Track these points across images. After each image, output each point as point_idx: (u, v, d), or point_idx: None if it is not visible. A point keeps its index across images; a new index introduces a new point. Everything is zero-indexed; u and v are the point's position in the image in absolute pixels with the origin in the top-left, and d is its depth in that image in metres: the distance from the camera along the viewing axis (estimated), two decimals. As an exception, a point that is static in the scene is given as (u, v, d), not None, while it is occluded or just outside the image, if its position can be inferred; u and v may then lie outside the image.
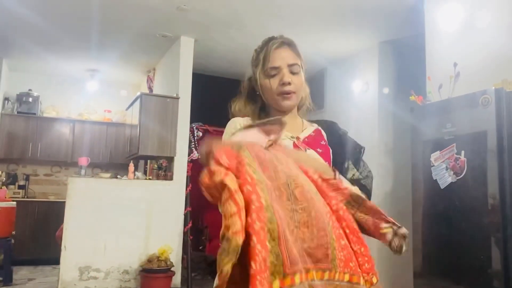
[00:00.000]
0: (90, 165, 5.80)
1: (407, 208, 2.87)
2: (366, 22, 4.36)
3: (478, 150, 2.28)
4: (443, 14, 3.38)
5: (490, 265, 2.17)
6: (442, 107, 2.56)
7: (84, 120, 6.59)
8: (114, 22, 4.61)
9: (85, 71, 6.40)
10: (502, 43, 2.90)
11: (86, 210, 4.28)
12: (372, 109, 4.84)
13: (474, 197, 2.29)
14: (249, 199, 0.83)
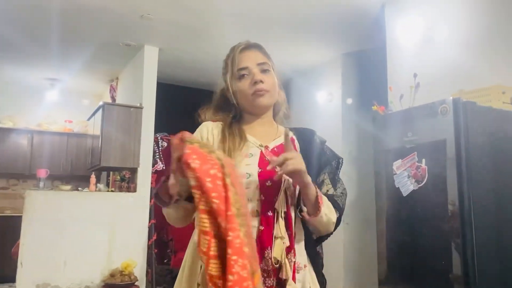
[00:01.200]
0: (49, 178, 5.58)
1: (372, 216, 2.91)
2: (330, 34, 4.45)
3: (438, 158, 2.34)
4: (403, 27, 3.49)
5: (451, 270, 2.22)
6: (403, 116, 2.62)
7: (43, 131, 6.36)
8: (76, 30, 4.50)
9: (44, 80, 6.19)
10: (458, 55, 3.02)
11: (45, 225, 4.10)
12: (336, 119, 4.92)
13: (435, 204, 2.35)
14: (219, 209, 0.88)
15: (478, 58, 2.90)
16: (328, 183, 1.29)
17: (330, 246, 5.26)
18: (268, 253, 1.09)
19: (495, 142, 2.35)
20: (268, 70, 1.27)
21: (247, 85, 1.24)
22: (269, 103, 1.28)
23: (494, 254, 2.24)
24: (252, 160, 1.20)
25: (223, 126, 1.27)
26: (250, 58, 1.27)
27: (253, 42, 1.33)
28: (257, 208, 1.14)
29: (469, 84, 2.65)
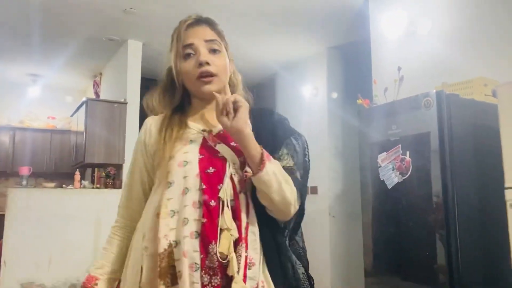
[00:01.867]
0: (33, 175, 5.49)
1: (357, 209, 2.94)
2: (315, 28, 4.45)
3: (422, 150, 2.37)
4: (387, 21, 3.51)
5: (436, 261, 2.25)
6: (387, 109, 2.64)
7: (25, 128, 6.25)
8: (58, 25, 4.42)
9: (26, 75, 6.07)
10: (441, 49, 3.05)
11: (28, 223, 4.04)
12: (321, 113, 4.93)
13: (419, 195, 2.38)
14: None
15: (461, 51, 2.94)
16: (285, 158, 1.12)
17: (316, 239, 5.31)
18: (213, 248, 0.97)
19: (478, 134, 2.38)
20: (218, 51, 1.13)
21: (192, 66, 1.10)
22: (216, 89, 1.11)
23: (477, 244, 2.28)
24: (191, 147, 1.09)
25: (163, 117, 1.17)
26: (198, 34, 1.12)
27: (204, 17, 1.17)
28: (199, 199, 1.01)
29: (452, 77, 2.68)
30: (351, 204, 4.62)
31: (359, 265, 3.17)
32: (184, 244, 0.98)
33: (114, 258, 1.16)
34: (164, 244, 1.00)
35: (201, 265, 0.97)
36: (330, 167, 4.77)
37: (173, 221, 1.01)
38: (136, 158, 1.20)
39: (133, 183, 1.19)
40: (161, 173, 1.08)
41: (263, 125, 1.14)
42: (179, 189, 1.03)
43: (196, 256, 0.98)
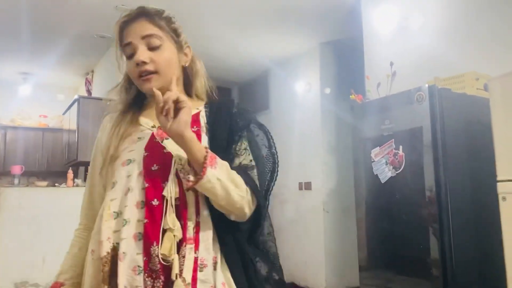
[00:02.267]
0: (25, 174, 5.45)
1: (351, 204, 2.95)
2: (307, 23, 4.45)
3: (415, 145, 2.38)
4: (379, 16, 3.52)
5: (429, 254, 2.27)
6: (380, 104, 2.65)
7: (17, 126, 6.20)
8: (49, 23, 4.38)
9: (17, 74, 6.02)
10: (433, 44, 3.06)
11: (21, 222, 4.01)
12: (315, 109, 4.94)
13: (413, 190, 2.39)
14: None
15: (453, 46, 2.95)
16: (243, 154, 1.03)
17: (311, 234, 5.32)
18: (154, 249, 0.92)
19: (470, 128, 2.40)
20: (158, 45, 1.06)
21: (133, 65, 1.05)
22: (159, 86, 1.02)
23: (470, 237, 2.30)
24: (138, 144, 1.04)
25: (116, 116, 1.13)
26: (134, 32, 1.06)
27: (141, 10, 1.09)
28: (142, 198, 0.96)
29: (444, 72, 2.69)
30: (345, 199, 4.63)
31: (353, 260, 3.19)
32: (122, 246, 0.94)
33: (78, 261, 1.13)
34: (106, 247, 0.96)
35: (144, 268, 0.93)
36: (323, 162, 4.78)
37: (116, 223, 0.97)
38: (95, 158, 1.16)
39: (94, 184, 1.14)
40: (108, 174, 1.05)
41: (220, 119, 1.07)
42: (122, 189, 0.99)
43: (139, 258, 0.93)
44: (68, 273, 1.12)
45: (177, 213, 0.95)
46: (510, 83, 1.94)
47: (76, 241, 1.17)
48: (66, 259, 1.16)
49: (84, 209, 1.19)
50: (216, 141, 1.03)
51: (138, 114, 1.13)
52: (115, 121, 1.12)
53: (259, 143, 1.07)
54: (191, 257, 0.94)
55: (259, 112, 5.94)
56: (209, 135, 1.05)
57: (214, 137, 1.03)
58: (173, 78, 1.01)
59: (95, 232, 1.03)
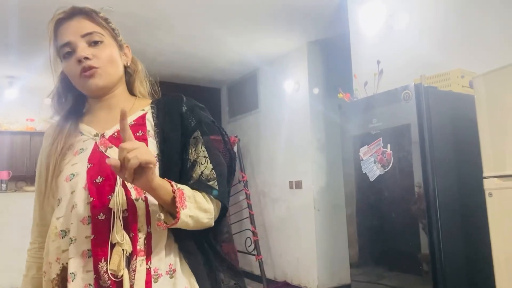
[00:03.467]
0: (12, 179, 5.40)
1: (342, 202, 2.97)
2: (295, 22, 4.46)
3: (403, 142, 2.41)
4: (365, 14, 3.54)
5: (419, 250, 2.30)
6: (367, 103, 2.67)
7: (3, 131, 6.12)
8: (36, 26, 4.32)
9: (2, 78, 5.95)
10: (419, 42, 3.10)
11: (10, 227, 3.98)
12: (304, 108, 4.96)
13: (401, 187, 2.42)
14: None
15: (438, 44, 2.98)
16: (202, 162, 0.98)
17: (302, 232, 5.33)
18: (102, 266, 0.88)
19: (457, 125, 2.43)
20: (100, 42, 1.01)
21: (73, 64, 1.00)
22: (104, 84, 1.01)
23: (458, 233, 2.33)
24: (81, 156, 0.98)
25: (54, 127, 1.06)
26: (73, 30, 1.01)
27: (77, 8, 1.04)
28: (88, 213, 0.91)
29: (430, 70, 2.72)
30: (335, 197, 4.66)
31: (344, 257, 3.21)
32: (70, 266, 0.90)
33: (37, 283, 1.07)
34: (55, 269, 0.93)
35: (95, 286, 0.88)
36: (313, 161, 4.80)
37: (64, 242, 0.93)
38: (40, 171, 1.08)
39: (43, 199, 1.06)
40: (49, 191, 1.00)
41: (170, 121, 1.01)
42: (68, 206, 0.94)
43: (89, 276, 0.89)
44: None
45: (126, 226, 0.90)
46: (494, 80, 1.97)
47: (32, 262, 1.11)
48: (25, 283, 1.09)
49: (36, 226, 1.12)
50: (169, 144, 0.98)
51: (78, 122, 1.06)
52: (52, 136, 1.04)
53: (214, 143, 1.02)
54: (143, 269, 0.90)
55: (248, 112, 5.95)
56: (159, 139, 1.00)
57: (165, 140, 0.98)
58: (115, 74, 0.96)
59: (45, 253, 0.99)
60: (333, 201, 4.73)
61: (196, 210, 0.93)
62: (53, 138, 1.04)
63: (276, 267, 5.23)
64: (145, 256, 0.91)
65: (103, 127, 1.03)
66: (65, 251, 0.93)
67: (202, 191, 0.96)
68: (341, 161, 2.87)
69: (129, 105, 1.07)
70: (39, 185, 1.08)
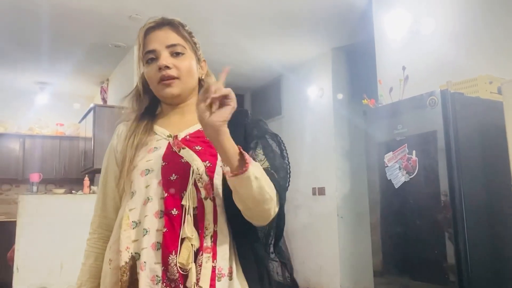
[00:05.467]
0: (43, 182, 5.55)
1: (365, 209, 2.94)
2: (319, 29, 4.46)
3: (428, 149, 2.37)
4: (390, 20, 3.52)
5: (445, 260, 2.25)
6: (393, 109, 2.65)
7: (34, 135, 6.32)
8: (65, 33, 4.48)
9: (34, 84, 6.16)
10: (445, 48, 3.05)
11: (40, 229, 4.09)
12: (327, 114, 4.94)
13: (427, 194, 2.38)
14: None
15: (465, 50, 2.94)
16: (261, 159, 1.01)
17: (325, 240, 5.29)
18: (172, 259, 0.92)
19: (484, 132, 2.38)
20: (182, 53, 1.08)
21: (154, 70, 1.07)
22: (179, 93, 1.08)
23: (485, 242, 2.28)
24: (155, 154, 1.04)
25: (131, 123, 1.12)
26: (159, 39, 1.08)
27: (167, 19, 1.10)
28: (161, 208, 0.97)
29: (457, 75, 2.68)
30: (359, 204, 4.61)
31: (368, 265, 3.17)
32: (142, 256, 0.95)
33: (95, 272, 1.11)
34: (125, 257, 0.96)
35: (162, 277, 0.93)
36: (337, 167, 4.77)
37: (135, 233, 0.98)
38: (108, 165, 1.15)
39: (108, 191, 1.14)
40: (126, 183, 1.05)
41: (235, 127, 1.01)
42: (141, 199, 1.00)
43: (157, 268, 0.94)
44: (87, 285, 1.11)
45: (195, 223, 0.95)
46: (523, 86, 1.93)
47: (91, 251, 1.15)
48: (83, 271, 1.14)
49: (97, 217, 1.17)
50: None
51: (152, 123, 1.13)
52: (128, 130, 1.11)
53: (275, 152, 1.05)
54: (209, 266, 0.93)
55: (271, 118, 5.96)
56: None
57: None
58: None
59: (113, 242, 1.04)
60: (357, 208, 4.68)
61: (261, 172, 0.92)
62: (127, 134, 1.10)
63: (298, 274, 5.20)
64: (211, 253, 0.95)
65: (176, 130, 1.09)
66: (135, 241, 0.97)
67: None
68: (365, 168, 2.84)
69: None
70: (105, 183, 1.15)
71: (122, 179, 1.06)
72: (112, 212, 1.12)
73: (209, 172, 0.99)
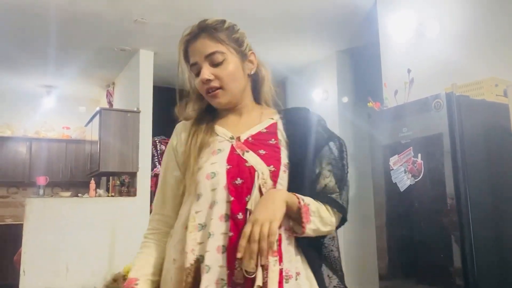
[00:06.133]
0: (49, 185, 5.59)
1: (371, 212, 2.93)
2: (324, 32, 4.47)
3: (434, 152, 2.36)
4: (395, 23, 3.51)
5: (451, 263, 2.24)
6: (398, 112, 2.64)
7: (41, 138, 6.36)
8: (71, 37, 4.51)
9: (41, 87, 6.20)
10: (450, 50, 3.05)
11: (46, 232, 4.11)
12: (332, 117, 4.93)
13: (432, 197, 2.37)
14: None
15: (470, 52, 2.93)
16: (326, 176, 1.06)
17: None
18: (238, 263, 0.93)
19: (490, 134, 2.37)
20: (221, 62, 1.07)
21: (200, 84, 1.08)
22: (227, 101, 1.09)
23: (492, 245, 2.26)
24: (219, 157, 1.04)
25: (191, 124, 1.13)
26: (198, 51, 1.08)
27: (202, 27, 1.11)
28: (226, 211, 0.98)
29: (462, 78, 2.67)
30: (364, 207, 4.59)
31: (373, 269, 3.16)
32: (207, 259, 0.95)
33: (152, 261, 1.10)
34: (190, 259, 0.97)
35: (228, 281, 0.94)
36: (342, 170, 4.75)
37: (200, 235, 0.98)
38: (168, 164, 1.16)
39: (167, 189, 1.15)
40: (190, 185, 1.05)
41: (300, 131, 1.09)
42: (207, 202, 1.00)
43: (222, 271, 0.94)
44: (143, 270, 1.09)
45: None
46: (529, 89, 1.92)
47: (149, 243, 1.14)
48: (139, 258, 1.13)
49: (156, 215, 1.17)
50: (299, 156, 1.05)
51: (212, 123, 1.13)
52: (190, 130, 1.12)
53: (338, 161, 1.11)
54: (276, 269, 0.94)
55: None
56: (289, 149, 1.07)
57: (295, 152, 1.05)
58: (239, 89, 1.06)
59: (177, 242, 1.03)
60: (362, 212, 4.66)
61: (319, 224, 1.01)
62: (190, 133, 1.11)
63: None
64: (277, 257, 0.95)
65: (236, 130, 1.10)
66: (200, 243, 0.98)
67: (326, 203, 1.04)
68: (370, 171, 2.83)
69: (257, 113, 1.15)
70: (164, 182, 1.15)
71: (185, 180, 1.07)
72: (170, 211, 1.13)
73: (273, 177, 1.01)
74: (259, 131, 1.09)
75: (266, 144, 1.06)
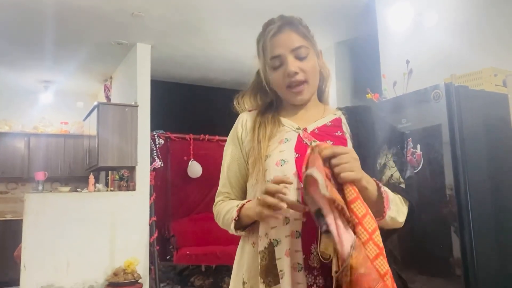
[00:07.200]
0: (48, 180, 5.58)
1: (370, 204, 2.93)
2: (322, 23, 4.44)
3: (433, 143, 2.36)
4: (393, 14, 3.50)
5: (451, 253, 2.24)
6: (397, 103, 2.63)
7: (39, 133, 6.35)
8: (68, 31, 4.48)
9: (38, 82, 6.17)
10: (449, 40, 3.03)
11: (46, 227, 4.11)
12: (331, 109, 4.92)
13: (432, 188, 2.37)
14: None
15: (469, 42, 2.91)
16: (392, 166, 1.08)
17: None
18: (315, 248, 0.94)
19: (489, 125, 2.36)
20: (305, 57, 1.09)
21: (281, 76, 1.09)
22: (308, 97, 1.12)
23: (491, 235, 2.27)
24: (287, 145, 1.06)
25: (255, 114, 1.16)
26: (284, 44, 1.08)
27: (287, 19, 1.13)
28: (297, 198, 0.98)
29: (461, 68, 2.66)
30: (364, 199, 4.61)
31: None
32: (285, 243, 0.97)
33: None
34: (264, 243, 1.00)
35: (304, 265, 0.95)
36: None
37: (273, 220, 0.99)
38: (233, 151, 1.17)
39: (232, 175, 1.17)
40: (258, 172, 1.06)
41: (364, 127, 1.10)
42: None
43: (298, 256, 0.96)
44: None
45: None
46: (529, 79, 1.91)
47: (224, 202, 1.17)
48: (228, 202, 1.15)
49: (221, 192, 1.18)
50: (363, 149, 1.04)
51: (278, 114, 1.16)
52: (256, 120, 1.14)
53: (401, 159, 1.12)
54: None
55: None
56: (354, 143, 1.07)
57: (360, 145, 1.05)
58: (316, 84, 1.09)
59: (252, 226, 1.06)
60: (362, 203, 4.67)
61: (396, 213, 1.03)
62: (257, 124, 1.13)
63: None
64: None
65: (303, 123, 1.12)
66: (273, 227, 1.00)
67: (398, 193, 1.05)
68: (370, 162, 2.83)
69: (321, 109, 1.18)
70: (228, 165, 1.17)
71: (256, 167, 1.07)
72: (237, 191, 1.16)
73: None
74: (324, 124, 1.12)
75: (332, 135, 1.09)
